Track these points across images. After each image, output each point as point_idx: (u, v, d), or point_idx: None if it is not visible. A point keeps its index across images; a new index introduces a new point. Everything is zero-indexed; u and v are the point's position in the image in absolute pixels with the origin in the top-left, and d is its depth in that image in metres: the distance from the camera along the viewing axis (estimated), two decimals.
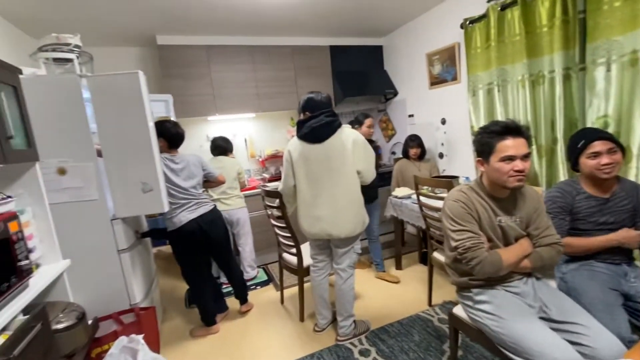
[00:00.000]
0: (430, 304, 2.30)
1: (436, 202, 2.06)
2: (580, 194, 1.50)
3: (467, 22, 2.62)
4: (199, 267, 2.20)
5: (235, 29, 3.09)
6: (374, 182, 1.98)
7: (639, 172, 1.77)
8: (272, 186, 3.03)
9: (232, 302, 2.49)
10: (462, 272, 1.38)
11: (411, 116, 3.67)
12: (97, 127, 1.78)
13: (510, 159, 1.22)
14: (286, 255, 2.36)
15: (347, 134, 1.83)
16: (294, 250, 2.20)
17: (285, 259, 2.37)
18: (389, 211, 2.88)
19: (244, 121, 3.65)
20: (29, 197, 1.39)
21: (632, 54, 1.72)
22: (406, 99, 3.71)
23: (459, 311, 1.47)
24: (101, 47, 3.09)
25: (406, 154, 3.11)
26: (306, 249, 2.16)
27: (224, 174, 2.48)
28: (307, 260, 2.15)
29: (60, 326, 1.30)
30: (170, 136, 2.07)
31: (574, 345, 1.10)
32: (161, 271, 3.32)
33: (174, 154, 2.10)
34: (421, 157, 3.10)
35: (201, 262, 2.22)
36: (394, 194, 2.88)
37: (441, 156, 3.26)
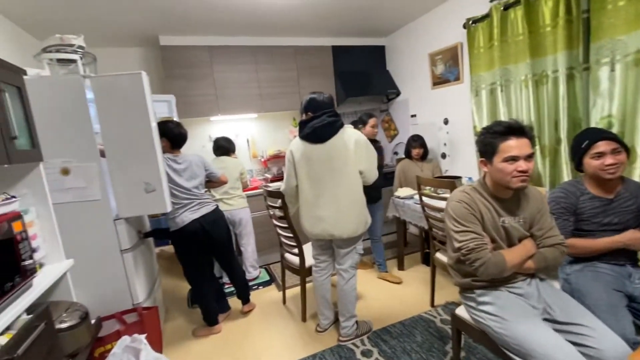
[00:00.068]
0: (432, 304, 2.29)
1: (439, 203, 2.06)
2: (584, 194, 1.49)
3: (470, 21, 2.62)
4: (201, 267, 2.20)
5: (237, 29, 3.10)
6: (377, 183, 1.98)
7: None
8: (274, 186, 3.02)
9: (234, 302, 2.49)
10: (465, 273, 1.37)
11: (414, 116, 3.66)
12: (100, 127, 1.79)
13: (513, 160, 1.21)
14: (288, 255, 2.36)
15: (349, 134, 1.83)
16: (296, 250, 2.20)
17: (287, 259, 2.37)
18: (391, 211, 2.88)
19: (246, 121, 3.65)
20: (33, 197, 1.40)
21: (636, 54, 1.70)
22: (409, 99, 3.71)
23: (462, 312, 1.46)
24: (104, 48, 3.11)
25: (408, 154, 3.11)
26: (308, 249, 2.16)
27: (226, 174, 2.49)
28: (309, 260, 2.15)
29: (63, 325, 1.30)
30: (173, 136, 2.07)
31: (578, 346, 1.10)
32: (164, 271, 3.33)
33: (176, 154, 2.11)
34: (424, 157, 3.09)
35: (203, 262, 2.22)
36: (397, 194, 2.87)
37: (444, 156, 3.25)
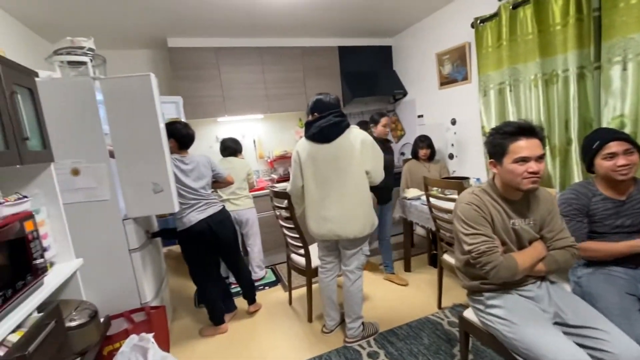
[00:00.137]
0: (440, 306, 2.27)
1: (446, 204, 2.03)
2: (596, 195, 1.46)
3: (478, 21, 2.59)
4: (208, 267, 2.22)
5: (244, 30, 3.11)
6: (389, 184, 1.95)
7: None
8: (281, 187, 3.03)
9: (241, 302, 2.50)
10: (474, 276, 1.35)
11: (421, 116, 3.64)
12: (109, 128, 1.81)
13: (524, 161, 1.19)
14: (294, 256, 2.36)
15: (356, 134, 1.82)
16: (302, 251, 2.20)
17: (293, 260, 2.37)
18: (398, 212, 2.86)
19: (252, 122, 3.67)
20: (44, 197, 1.42)
21: None
22: (415, 99, 3.68)
23: (470, 315, 1.44)
24: (114, 50, 3.15)
25: (415, 155, 3.08)
26: (314, 250, 2.16)
27: (233, 175, 2.50)
28: (315, 261, 2.14)
29: (73, 324, 1.32)
30: (180, 137, 2.09)
31: (591, 350, 1.08)
32: (171, 271, 3.35)
33: (184, 154, 2.13)
34: (431, 158, 3.07)
35: (210, 262, 2.23)
36: (405, 195, 2.85)
37: (451, 157, 3.22)
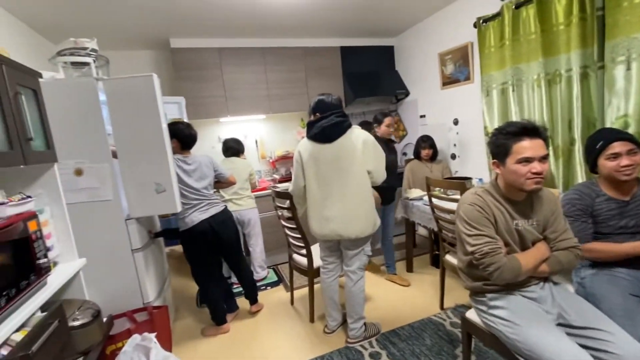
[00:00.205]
0: (442, 307, 2.26)
1: (448, 204, 2.03)
2: (599, 196, 1.46)
3: (481, 21, 2.58)
4: (210, 267, 2.22)
5: (247, 31, 3.12)
6: (392, 184, 1.94)
7: None
8: (283, 187, 3.03)
9: (242, 302, 2.50)
10: (476, 277, 1.35)
11: (423, 117, 3.63)
12: (112, 128, 1.82)
13: (527, 161, 1.18)
14: (296, 256, 2.36)
15: (357, 134, 1.82)
16: (304, 251, 2.20)
17: (295, 260, 2.37)
18: (400, 212, 2.85)
19: (255, 122, 3.67)
20: (48, 197, 1.43)
21: None
22: (418, 99, 3.68)
23: (472, 315, 1.44)
24: (117, 51, 3.17)
25: (418, 155, 3.08)
26: (316, 250, 2.16)
27: (235, 175, 2.51)
28: (317, 261, 2.14)
29: (76, 323, 1.32)
30: (183, 137, 2.10)
31: (595, 351, 1.07)
32: (173, 271, 3.36)
33: (186, 155, 2.13)
34: (433, 158, 3.06)
35: (212, 262, 2.24)
36: (407, 195, 2.85)
37: (453, 157, 3.21)
